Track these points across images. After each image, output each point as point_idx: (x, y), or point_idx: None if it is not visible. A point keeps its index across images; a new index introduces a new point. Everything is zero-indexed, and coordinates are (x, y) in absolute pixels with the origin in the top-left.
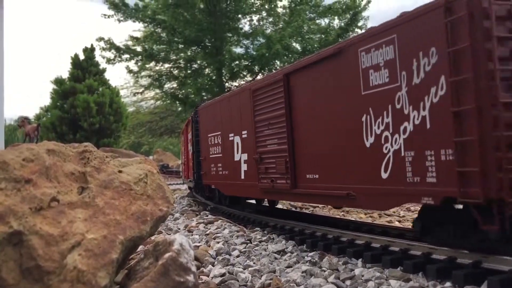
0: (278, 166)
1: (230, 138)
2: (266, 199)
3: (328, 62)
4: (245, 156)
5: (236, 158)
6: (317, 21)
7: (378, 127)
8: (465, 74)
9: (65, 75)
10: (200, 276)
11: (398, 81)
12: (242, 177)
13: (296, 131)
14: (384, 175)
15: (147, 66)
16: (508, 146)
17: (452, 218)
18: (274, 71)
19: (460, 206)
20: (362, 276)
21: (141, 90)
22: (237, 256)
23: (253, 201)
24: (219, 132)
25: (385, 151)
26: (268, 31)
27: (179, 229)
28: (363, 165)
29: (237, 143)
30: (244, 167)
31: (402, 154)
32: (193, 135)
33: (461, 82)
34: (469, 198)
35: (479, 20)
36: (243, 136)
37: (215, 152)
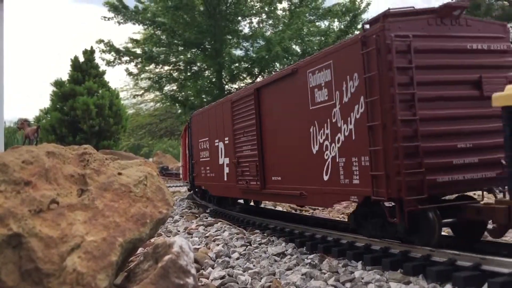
0: (251, 169)
1: (216, 144)
2: (252, 200)
3: (287, 80)
4: (227, 160)
5: (220, 161)
6: (317, 23)
7: (321, 137)
8: (375, 96)
9: (65, 77)
10: (200, 279)
11: (334, 99)
12: (225, 178)
13: (264, 138)
14: (326, 178)
15: (147, 68)
16: (405, 155)
17: (375, 213)
18: (273, 73)
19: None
20: (362, 278)
21: (141, 92)
22: (237, 259)
23: (242, 201)
24: (207, 138)
25: (326, 157)
26: (268, 33)
27: (179, 231)
28: (311, 169)
29: (221, 148)
30: (226, 169)
31: (337, 160)
32: (188, 139)
33: (373, 103)
34: (379, 197)
35: (383, 53)
36: (226, 142)
37: (204, 156)
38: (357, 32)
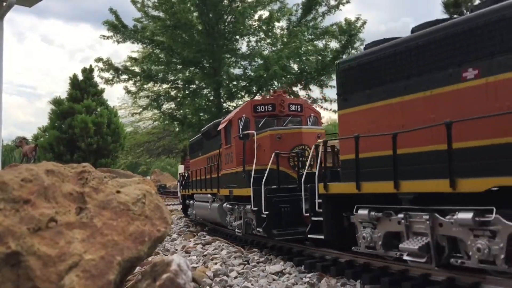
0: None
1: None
2: None
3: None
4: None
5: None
6: (315, 42)
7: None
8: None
9: (64, 95)
10: None
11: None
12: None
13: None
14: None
15: (145, 86)
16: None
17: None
18: (271, 91)
19: None
20: None
21: (139, 111)
22: (235, 277)
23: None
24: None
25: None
26: (266, 52)
27: (177, 250)
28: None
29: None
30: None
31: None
32: None
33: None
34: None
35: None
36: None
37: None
38: (353, 51)
